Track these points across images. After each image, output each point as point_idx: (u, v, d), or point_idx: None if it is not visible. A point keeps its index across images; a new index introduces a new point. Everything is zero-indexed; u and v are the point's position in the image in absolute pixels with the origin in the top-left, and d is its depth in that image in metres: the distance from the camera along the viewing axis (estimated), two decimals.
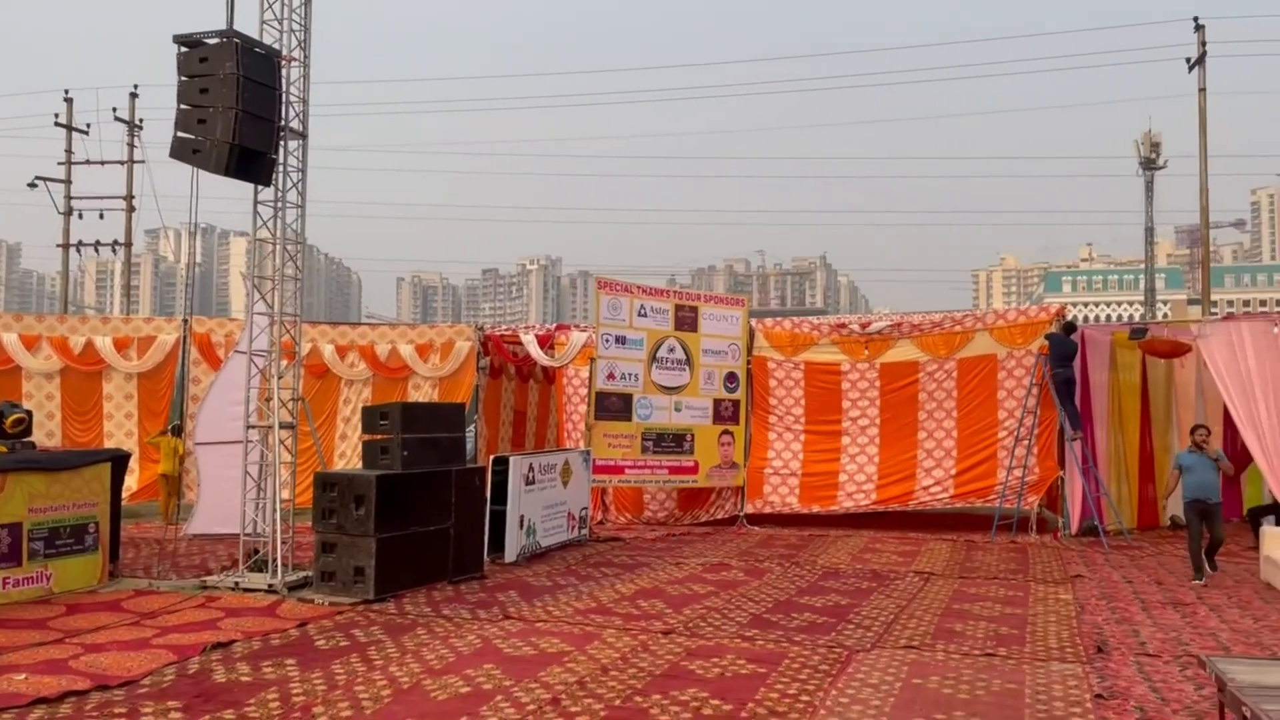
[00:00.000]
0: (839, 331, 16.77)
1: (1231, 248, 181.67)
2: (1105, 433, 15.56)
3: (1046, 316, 15.74)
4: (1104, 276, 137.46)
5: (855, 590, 10.51)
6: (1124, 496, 15.71)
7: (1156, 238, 63.78)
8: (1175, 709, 6.31)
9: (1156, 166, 45.52)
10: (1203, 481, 11.16)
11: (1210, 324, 14.25)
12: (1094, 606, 9.70)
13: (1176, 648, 7.98)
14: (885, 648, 7.94)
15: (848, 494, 16.05)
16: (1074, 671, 7.23)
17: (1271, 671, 4.42)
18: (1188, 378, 16.58)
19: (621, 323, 15.34)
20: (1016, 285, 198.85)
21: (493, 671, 7.12)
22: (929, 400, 16.05)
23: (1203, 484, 11.16)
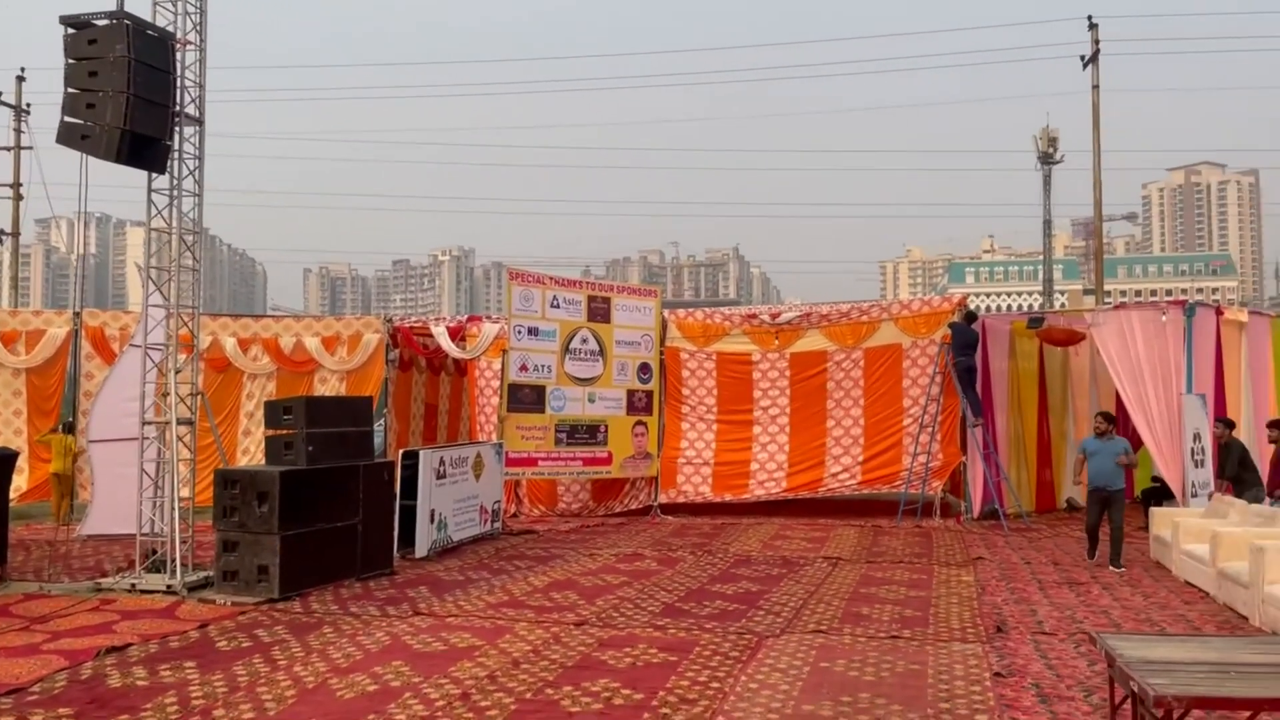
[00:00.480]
0: (750, 322, 16.96)
1: (1125, 240, 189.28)
2: (1005, 419, 16.05)
3: (949, 306, 16.16)
4: (1005, 268, 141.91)
5: (766, 577, 10.64)
6: (1023, 480, 16.24)
7: (1054, 230, 66.00)
8: (1069, 684, 6.54)
9: (1054, 161, 47.03)
10: (1104, 468, 11.23)
11: (1103, 313, 14.81)
12: (994, 587, 10.00)
13: (1071, 626, 8.28)
14: (794, 633, 8.06)
15: (759, 482, 16.26)
16: (974, 651, 7.44)
17: (1157, 647, 4.61)
18: (1082, 365, 17.23)
19: (534, 314, 15.24)
20: (922, 276, 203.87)
21: (401, 668, 7.01)
22: (837, 389, 16.35)
23: (1104, 471, 11.24)
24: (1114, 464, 11.21)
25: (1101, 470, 11.25)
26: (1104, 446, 11.30)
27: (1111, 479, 11.21)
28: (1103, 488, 11.23)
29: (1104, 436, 11.38)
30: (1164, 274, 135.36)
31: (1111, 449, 11.26)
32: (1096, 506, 11.34)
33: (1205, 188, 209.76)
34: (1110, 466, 11.21)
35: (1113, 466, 11.22)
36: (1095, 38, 25.70)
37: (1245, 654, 4.48)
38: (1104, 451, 11.27)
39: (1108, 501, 11.20)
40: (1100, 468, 11.26)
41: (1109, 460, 11.21)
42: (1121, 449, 11.30)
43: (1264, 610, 8.14)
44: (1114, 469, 11.25)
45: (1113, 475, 11.22)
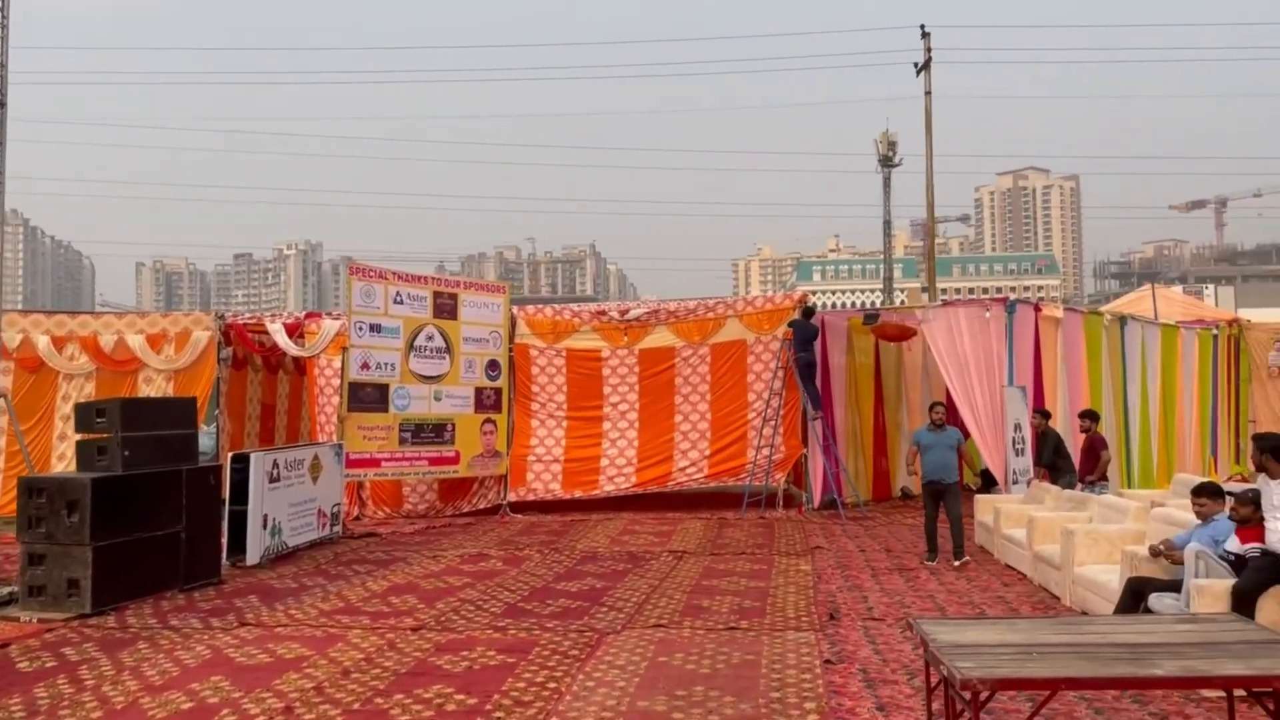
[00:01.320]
0: (599, 319, 16.96)
1: (959, 240, 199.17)
2: (843, 412, 16.59)
3: (790, 303, 16.57)
4: (849, 266, 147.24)
5: (611, 573, 10.65)
6: (860, 470, 16.83)
7: (895, 231, 68.78)
8: (894, 668, 6.78)
9: (893, 164, 48.98)
10: (939, 461, 10.99)
11: (932, 309, 15.47)
12: (829, 576, 10.30)
13: (899, 611, 8.60)
14: (635, 628, 8.08)
15: (609, 478, 16.29)
16: (807, 639, 7.62)
17: (968, 630, 4.80)
18: (915, 360, 17.99)
19: (376, 310, 14.80)
20: (772, 274, 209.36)
21: (221, 683, 6.65)
22: (685, 384, 16.54)
23: (939, 464, 10.99)
24: (952, 455, 11.04)
25: (935, 463, 11.01)
26: (937, 439, 11.10)
27: (946, 472, 11.00)
28: (937, 481, 11.00)
29: (938, 428, 11.19)
30: (994, 273, 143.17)
31: (945, 440, 11.08)
32: (932, 500, 11.08)
33: (1032, 191, 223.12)
34: (944, 459, 11.00)
35: (950, 458, 11.03)
36: (928, 46, 26.88)
37: (1048, 635, 4.72)
38: (938, 444, 11.05)
39: (942, 495, 10.97)
40: (934, 460, 11.01)
41: (943, 452, 11.00)
42: (955, 440, 11.16)
43: (1074, 590, 8.65)
44: (951, 461, 11.04)
45: (947, 468, 11.01)
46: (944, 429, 11.20)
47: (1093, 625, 4.91)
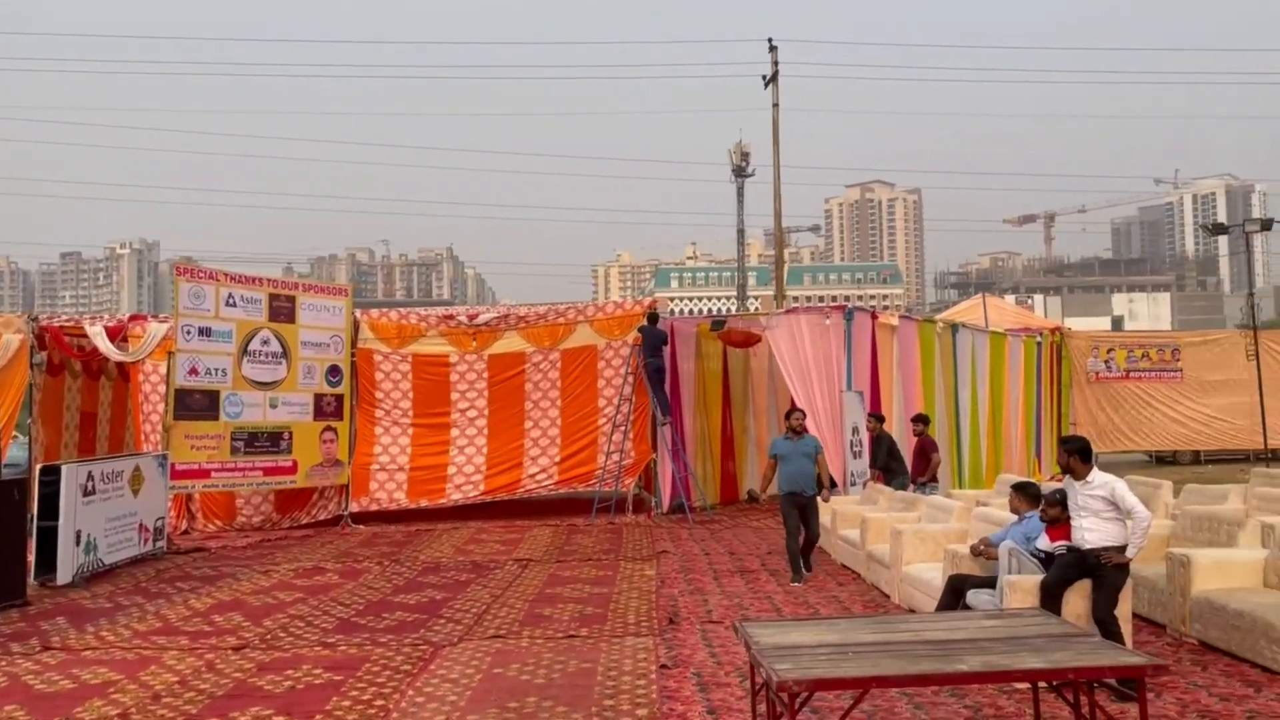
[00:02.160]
0: (447, 323, 16.65)
1: (810, 250, 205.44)
2: (692, 417, 16.80)
3: (640, 309, 16.67)
4: (706, 274, 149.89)
5: (453, 584, 10.42)
6: (708, 474, 17.07)
7: (749, 239, 70.44)
8: (728, 671, 6.84)
9: (746, 174, 50.17)
10: (798, 471, 10.16)
11: (776, 316, 15.86)
12: (673, 580, 10.37)
13: (738, 613, 8.70)
14: (473, 640, 7.90)
15: (456, 486, 15.99)
16: (646, 644, 7.62)
17: (790, 632, 4.87)
18: (761, 365, 18.39)
19: (206, 313, 14.09)
20: (631, 280, 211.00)
21: (15, 714, 6.14)
22: (535, 390, 16.40)
23: (798, 474, 10.16)
24: (810, 465, 10.24)
25: (794, 474, 10.15)
26: (795, 448, 10.24)
27: (806, 482, 10.17)
28: (797, 493, 10.15)
29: (796, 435, 10.36)
30: (843, 282, 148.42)
31: (803, 450, 10.26)
32: (792, 513, 10.12)
33: (878, 204, 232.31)
34: (803, 469, 10.19)
35: (809, 468, 10.23)
36: (775, 59, 27.56)
37: (864, 634, 4.83)
38: (795, 453, 10.22)
39: (804, 508, 10.16)
40: (793, 471, 10.16)
41: (801, 462, 10.19)
42: (813, 449, 10.37)
43: (902, 589, 8.95)
44: (810, 471, 10.25)
45: (806, 478, 10.20)
46: (802, 437, 10.41)
47: (907, 623, 5.06)
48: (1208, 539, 8.24)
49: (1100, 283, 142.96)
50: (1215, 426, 23.89)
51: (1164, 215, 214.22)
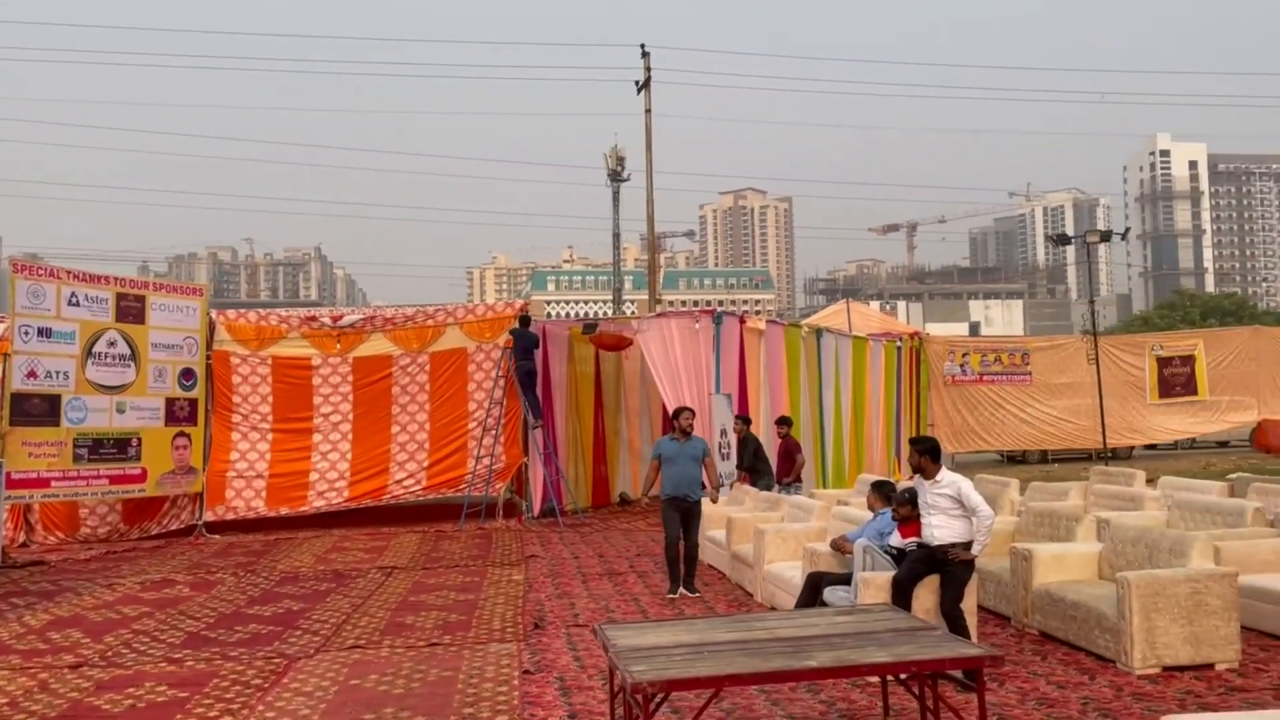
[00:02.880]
0: (310, 325, 16.15)
1: (685, 255, 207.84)
2: (564, 420, 16.75)
3: (512, 312, 16.53)
4: (583, 277, 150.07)
5: (312, 594, 10.09)
6: (580, 478, 17.06)
7: (626, 243, 70.83)
8: (591, 674, 6.83)
9: (622, 179, 50.38)
10: (684, 475, 9.50)
11: (647, 320, 15.97)
12: (541, 584, 10.30)
13: (604, 616, 8.71)
14: (330, 651, 7.66)
15: (319, 493, 15.52)
16: (510, 650, 7.54)
17: (647, 633, 4.89)
18: (633, 368, 18.47)
19: (46, 312, 13.28)
20: (508, 283, 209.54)
21: None
22: (403, 394, 16.06)
23: (683, 478, 9.50)
24: (697, 469, 9.59)
25: (679, 477, 9.50)
26: (682, 449, 9.56)
27: (691, 487, 9.51)
28: (682, 498, 9.48)
29: (683, 437, 9.66)
30: (717, 287, 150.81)
31: (690, 452, 9.57)
32: (674, 519, 9.48)
33: (750, 211, 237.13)
34: (690, 473, 9.55)
35: (695, 472, 9.60)
36: (648, 65, 27.80)
37: (722, 633, 4.89)
38: (682, 455, 9.54)
39: (687, 514, 9.53)
40: (678, 474, 9.50)
41: (687, 465, 9.54)
42: (701, 451, 9.67)
43: (764, 587, 9.12)
44: (695, 475, 9.60)
45: (692, 483, 9.53)
46: (690, 438, 9.67)
47: (762, 622, 5.15)
48: (1049, 534, 8.66)
49: (959, 290, 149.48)
50: (1061, 427, 25.25)
51: (1017, 226, 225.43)
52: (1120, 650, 6.58)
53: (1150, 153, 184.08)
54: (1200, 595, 6.53)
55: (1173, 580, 6.56)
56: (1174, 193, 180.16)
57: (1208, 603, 6.53)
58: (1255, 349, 26.81)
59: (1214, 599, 6.55)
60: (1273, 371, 26.60)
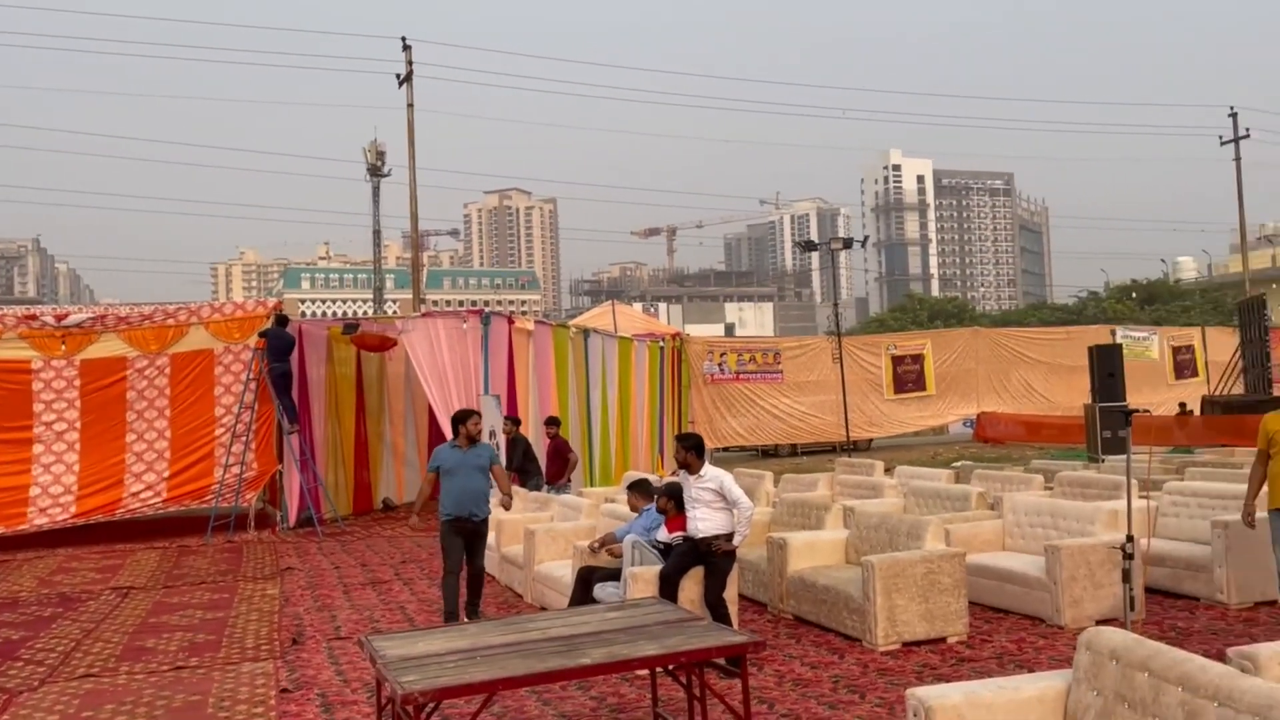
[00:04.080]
0: (28, 324, 14.61)
1: (449, 254, 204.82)
2: (323, 425, 16.04)
3: (264, 311, 15.65)
4: (340, 275, 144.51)
5: (34, 620, 9.12)
6: (341, 484, 16.40)
7: (387, 240, 68.76)
8: (356, 688, 6.57)
9: (382, 174, 48.91)
10: (468, 489, 8.05)
11: (412, 320, 15.59)
12: (299, 597, 9.80)
13: (368, 627, 8.40)
14: (58, 682, 6.95)
15: (41, 509, 14.06)
16: (265, 669, 7.12)
17: (418, 642, 4.75)
18: (398, 370, 17.99)
19: None
20: (257, 280, 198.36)
21: None
22: (139, 399, 14.83)
23: (468, 493, 8.06)
24: (484, 481, 8.18)
25: (462, 491, 8.05)
26: (465, 459, 8.12)
27: (477, 504, 8.12)
28: (465, 517, 8.02)
29: (469, 443, 8.20)
30: (483, 287, 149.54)
31: (474, 461, 8.14)
32: (456, 544, 8.03)
33: (516, 211, 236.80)
34: (475, 486, 8.11)
35: (482, 485, 8.18)
36: (409, 58, 27.14)
37: (494, 637, 4.83)
38: (466, 466, 8.07)
39: (473, 535, 8.14)
40: (460, 488, 8.06)
41: (471, 477, 8.10)
42: (488, 458, 8.31)
43: (534, 588, 9.11)
44: (483, 489, 8.21)
45: (478, 499, 8.16)
46: (476, 444, 8.28)
47: (535, 622, 5.13)
48: (801, 523, 9.18)
49: (715, 292, 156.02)
50: (809, 422, 26.90)
51: (768, 232, 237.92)
52: (866, 629, 7.06)
53: (884, 167, 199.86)
54: (934, 574, 7.13)
55: (910, 561, 7.12)
56: (904, 204, 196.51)
57: (940, 581, 7.14)
58: (975, 348, 29.68)
59: (945, 577, 7.16)
60: (989, 368, 29.54)
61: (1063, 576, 7.41)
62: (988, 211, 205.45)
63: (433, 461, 8.36)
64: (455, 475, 8.07)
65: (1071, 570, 7.42)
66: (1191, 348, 33.03)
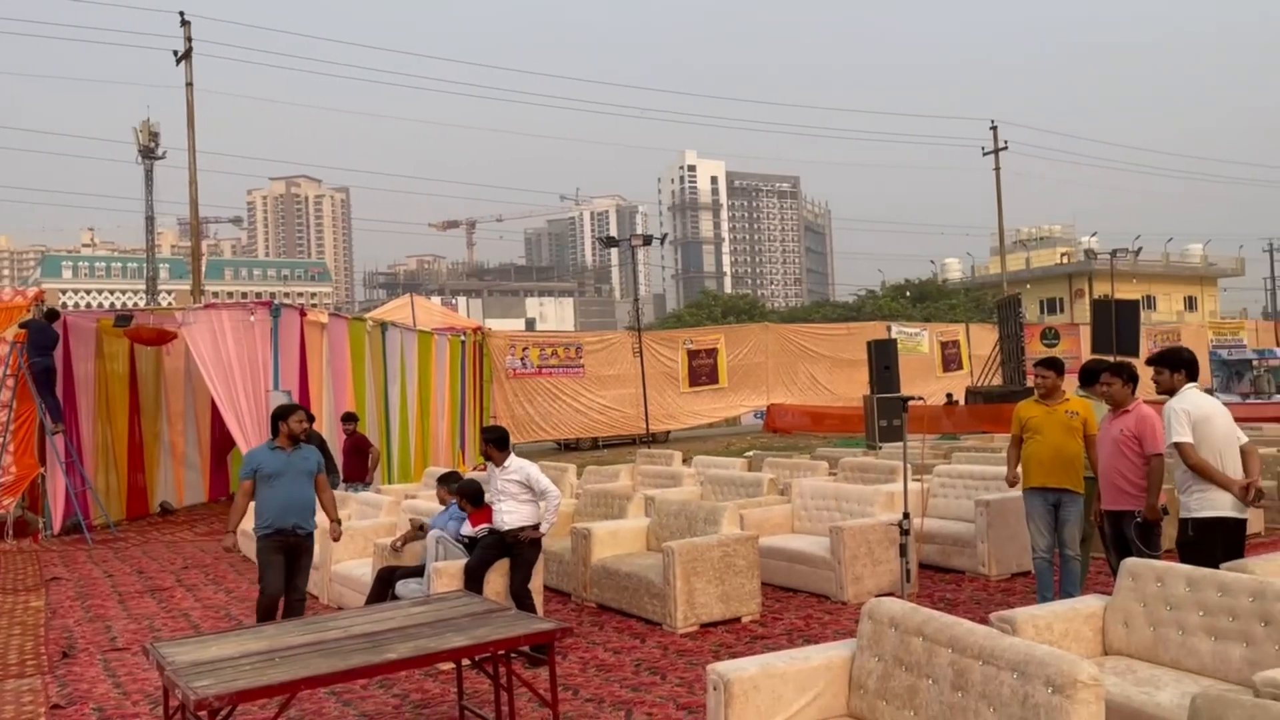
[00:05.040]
0: None
1: (232, 243, 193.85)
2: (92, 424, 14.89)
3: (23, 301, 14.36)
4: (108, 263, 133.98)
5: None
6: (113, 488, 15.27)
7: (160, 228, 64.23)
8: (137, 700, 6.18)
9: (156, 156, 45.72)
10: (293, 499, 6.81)
11: (194, 312, 14.70)
12: (68, 609, 9.09)
13: (149, 636, 7.90)
14: None
15: None
16: (32, 685, 6.58)
17: (209, 647, 4.53)
18: (176, 365, 16.93)
19: None
20: (11, 268, 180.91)
21: None
22: None
23: (292, 502, 6.80)
24: (309, 489, 6.95)
25: (287, 502, 6.79)
26: (289, 463, 6.86)
27: (304, 515, 6.89)
28: (289, 530, 6.79)
29: (291, 444, 6.92)
30: (269, 278, 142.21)
31: (301, 466, 6.92)
32: (275, 563, 6.74)
33: (305, 199, 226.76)
34: (301, 495, 6.88)
35: (305, 495, 6.91)
36: (189, 35, 25.51)
37: (293, 637, 4.67)
38: (290, 471, 6.85)
39: (296, 552, 6.89)
40: (286, 498, 6.78)
41: (299, 485, 6.88)
42: (315, 463, 7.05)
43: (330, 588, 8.84)
44: (307, 499, 6.93)
45: (305, 510, 6.90)
46: (299, 446, 7.00)
47: (336, 621, 4.99)
48: (604, 513, 9.34)
49: (516, 287, 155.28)
50: (610, 415, 27.32)
51: (568, 228, 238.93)
52: (666, 613, 7.30)
53: (680, 167, 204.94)
54: (730, 557, 7.45)
55: (708, 545, 7.41)
56: (699, 204, 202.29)
57: (735, 563, 7.47)
58: (765, 343, 31.03)
59: (740, 560, 7.50)
60: (778, 362, 30.97)
61: (845, 555, 7.91)
62: (776, 213, 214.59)
63: (247, 465, 6.95)
64: (277, 482, 6.77)
65: (853, 549, 7.93)
66: (957, 343, 35.86)
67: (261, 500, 6.78)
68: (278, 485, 6.77)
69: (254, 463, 6.88)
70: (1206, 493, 5.72)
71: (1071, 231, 79.23)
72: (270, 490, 6.76)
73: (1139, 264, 57.82)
